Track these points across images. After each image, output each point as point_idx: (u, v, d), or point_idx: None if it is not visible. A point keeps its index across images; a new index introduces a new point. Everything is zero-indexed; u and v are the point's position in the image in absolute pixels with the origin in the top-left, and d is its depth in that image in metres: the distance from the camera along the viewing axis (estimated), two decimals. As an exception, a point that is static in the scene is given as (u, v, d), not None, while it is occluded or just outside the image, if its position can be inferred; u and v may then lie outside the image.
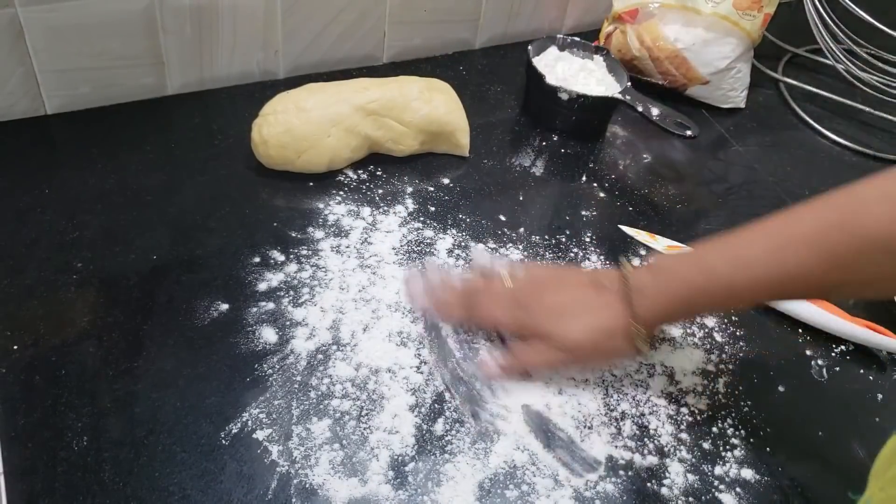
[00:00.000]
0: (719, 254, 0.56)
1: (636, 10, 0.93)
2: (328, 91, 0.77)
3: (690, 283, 0.56)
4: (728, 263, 0.55)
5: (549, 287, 0.62)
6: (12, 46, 0.73)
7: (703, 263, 0.57)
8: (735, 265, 0.55)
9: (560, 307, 0.60)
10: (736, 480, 0.59)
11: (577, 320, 0.59)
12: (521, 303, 0.62)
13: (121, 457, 0.53)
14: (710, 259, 0.56)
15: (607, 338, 0.59)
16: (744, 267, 0.55)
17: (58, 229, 0.68)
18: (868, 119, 1.00)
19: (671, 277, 0.57)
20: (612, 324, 0.58)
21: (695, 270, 0.57)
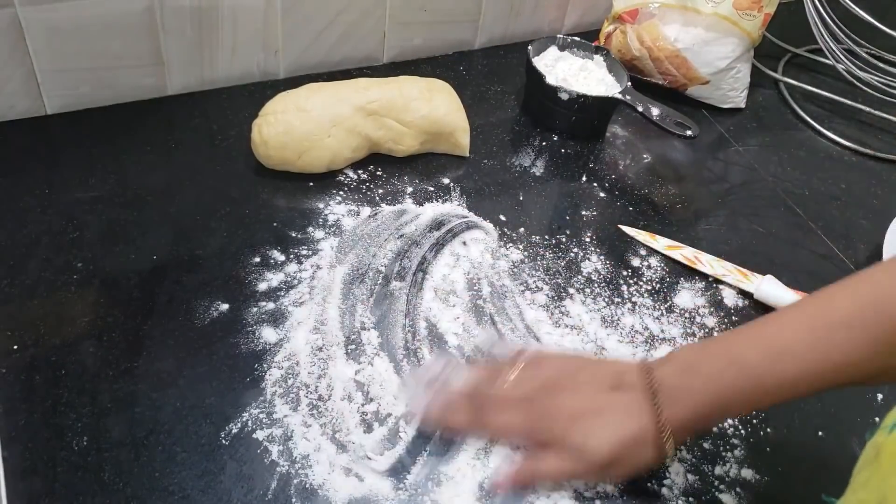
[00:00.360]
0: (752, 345, 0.51)
1: (636, 10, 0.93)
2: (328, 91, 0.77)
3: (722, 381, 0.50)
4: (763, 355, 0.50)
5: (565, 386, 0.55)
6: (12, 46, 0.73)
7: (734, 357, 0.51)
8: (771, 357, 0.49)
9: (579, 412, 0.53)
10: (736, 480, 0.59)
11: (601, 429, 0.52)
12: (534, 406, 0.54)
13: (121, 457, 0.54)
14: (741, 352, 0.51)
15: (634, 447, 0.52)
16: (781, 359, 0.49)
17: (58, 229, 0.68)
18: (868, 119, 1.00)
19: (700, 376, 0.51)
20: (640, 432, 0.52)
21: (725, 366, 0.51)
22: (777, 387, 0.50)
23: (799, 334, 0.49)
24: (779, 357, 0.49)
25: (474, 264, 0.72)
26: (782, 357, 0.49)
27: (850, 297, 0.49)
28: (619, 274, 0.73)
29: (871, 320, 0.47)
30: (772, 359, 0.49)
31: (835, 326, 0.48)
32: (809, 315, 0.50)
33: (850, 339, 0.47)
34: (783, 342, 0.49)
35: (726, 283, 0.74)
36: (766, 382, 0.50)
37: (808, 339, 0.49)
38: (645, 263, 0.75)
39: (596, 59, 0.92)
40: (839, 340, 0.48)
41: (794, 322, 0.50)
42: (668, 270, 0.74)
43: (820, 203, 0.86)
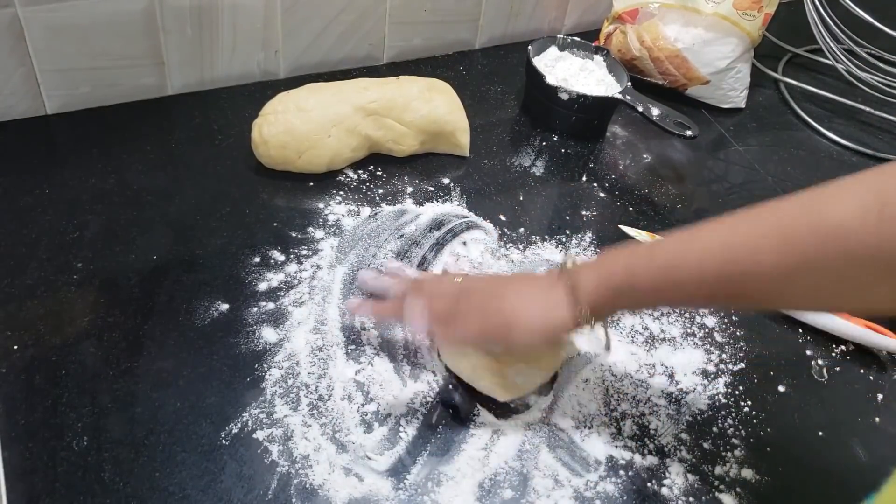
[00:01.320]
0: (670, 239, 0.52)
1: (636, 10, 0.93)
2: (328, 91, 0.77)
3: (633, 263, 0.52)
4: (675, 245, 0.51)
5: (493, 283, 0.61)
6: (13, 46, 0.73)
7: (647, 249, 0.54)
8: (682, 247, 0.51)
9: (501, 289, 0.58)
10: (736, 480, 0.59)
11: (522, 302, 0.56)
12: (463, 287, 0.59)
13: (121, 457, 0.54)
14: (656, 246, 0.54)
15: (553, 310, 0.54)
16: (691, 251, 0.50)
17: (58, 229, 0.68)
18: (868, 119, 1.00)
19: (612, 261, 0.54)
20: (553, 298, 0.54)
21: (640, 253, 0.53)
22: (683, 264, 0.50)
23: (715, 234, 0.50)
24: (688, 250, 0.50)
25: (474, 264, 0.72)
26: (692, 251, 0.50)
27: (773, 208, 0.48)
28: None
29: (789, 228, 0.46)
30: (678, 240, 0.51)
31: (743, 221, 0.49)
32: (731, 221, 0.50)
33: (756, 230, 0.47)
34: (698, 239, 0.50)
35: (726, 283, 0.74)
36: (673, 257, 0.51)
37: (723, 240, 0.49)
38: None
39: (596, 59, 0.92)
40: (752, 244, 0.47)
41: (716, 224, 0.50)
42: (668, 270, 0.74)
43: (820, 203, 0.86)
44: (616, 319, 0.68)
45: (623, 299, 0.54)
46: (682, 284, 0.50)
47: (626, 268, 0.53)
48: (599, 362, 0.65)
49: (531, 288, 0.57)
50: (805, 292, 0.47)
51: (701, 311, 0.71)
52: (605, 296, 0.53)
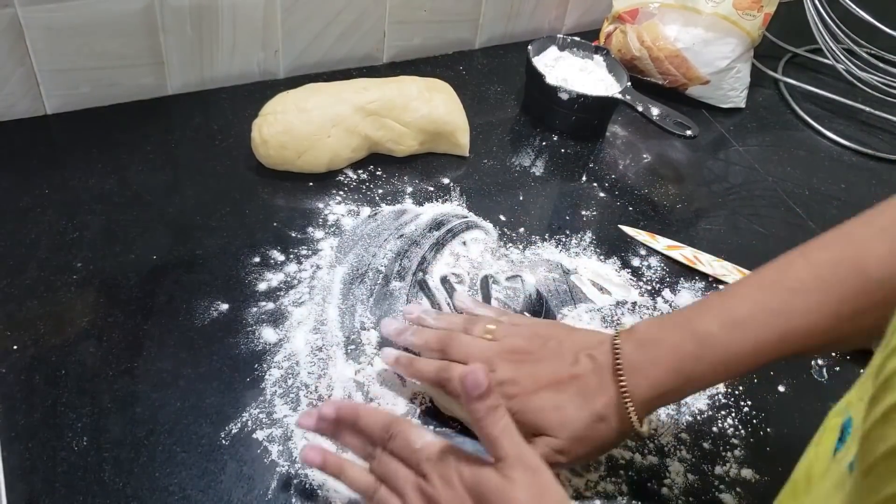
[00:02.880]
0: (712, 316, 0.50)
1: (636, 10, 0.93)
2: (328, 91, 0.77)
3: (682, 352, 0.50)
4: (722, 326, 0.49)
5: (530, 356, 0.55)
6: (12, 46, 0.73)
7: (694, 328, 0.50)
8: (730, 328, 0.48)
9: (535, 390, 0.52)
10: (736, 480, 0.59)
11: (554, 410, 0.51)
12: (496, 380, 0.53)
13: (121, 457, 0.54)
14: (702, 324, 0.50)
15: (597, 424, 0.51)
16: (740, 329, 0.48)
17: (58, 229, 0.68)
18: (868, 119, 1.00)
19: (661, 349, 0.50)
20: (602, 408, 0.51)
21: (686, 338, 0.50)
22: (737, 357, 0.49)
23: (758, 303, 0.48)
24: (738, 327, 0.48)
25: (474, 264, 0.72)
26: (741, 327, 0.48)
27: (808, 262, 0.48)
28: (619, 274, 0.73)
29: (829, 283, 0.46)
30: (731, 329, 0.48)
31: (793, 292, 0.47)
32: (768, 283, 0.49)
33: (808, 304, 0.47)
34: (742, 312, 0.49)
35: (726, 283, 0.74)
36: (727, 353, 0.49)
37: (768, 308, 0.48)
38: (645, 263, 0.75)
39: (596, 58, 0.92)
40: (798, 306, 0.47)
41: (753, 291, 0.49)
42: (668, 270, 0.74)
43: (820, 203, 0.86)
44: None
45: (669, 399, 0.52)
46: (737, 374, 0.50)
47: (676, 371, 0.50)
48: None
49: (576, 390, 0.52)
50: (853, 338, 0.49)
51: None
52: (654, 403, 0.51)
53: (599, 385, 0.51)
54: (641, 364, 0.51)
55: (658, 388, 0.50)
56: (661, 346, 0.51)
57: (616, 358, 0.51)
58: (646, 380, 0.50)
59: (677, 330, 0.51)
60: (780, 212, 0.84)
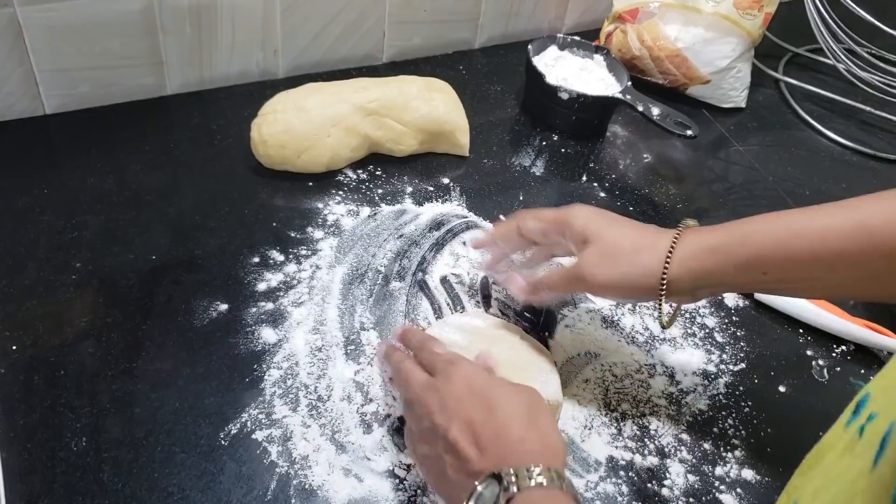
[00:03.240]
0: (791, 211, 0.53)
1: (636, 10, 0.93)
2: (328, 91, 0.77)
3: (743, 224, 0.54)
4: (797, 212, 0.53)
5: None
6: (11, 46, 0.73)
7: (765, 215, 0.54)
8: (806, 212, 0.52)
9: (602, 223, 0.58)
10: (736, 481, 0.58)
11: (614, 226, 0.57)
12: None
13: (120, 457, 0.53)
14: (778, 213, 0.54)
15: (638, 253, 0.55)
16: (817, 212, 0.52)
17: (57, 229, 0.68)
18: (868, 118, 1.00)
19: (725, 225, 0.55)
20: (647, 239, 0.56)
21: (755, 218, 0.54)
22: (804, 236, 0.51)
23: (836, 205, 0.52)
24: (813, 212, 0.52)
25: (474, 264, 0.71)
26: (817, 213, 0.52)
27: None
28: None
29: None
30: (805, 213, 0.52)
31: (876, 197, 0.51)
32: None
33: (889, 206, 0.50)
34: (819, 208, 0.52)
35: (726, 283, 0.74)
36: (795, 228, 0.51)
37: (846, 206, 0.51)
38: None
39: (596, 58, 0.91)
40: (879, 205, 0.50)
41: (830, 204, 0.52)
42: (669, 270, 0.74)
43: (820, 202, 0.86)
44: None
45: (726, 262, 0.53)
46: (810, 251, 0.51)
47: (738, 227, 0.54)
48: (599, 362, 0.65)
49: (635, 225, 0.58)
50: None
51: (700, 312, 0.71)
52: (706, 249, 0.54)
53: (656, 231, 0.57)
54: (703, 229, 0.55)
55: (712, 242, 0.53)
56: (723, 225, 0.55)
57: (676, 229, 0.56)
58: (702, 233, 0.55)
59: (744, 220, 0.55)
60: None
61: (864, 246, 0.49)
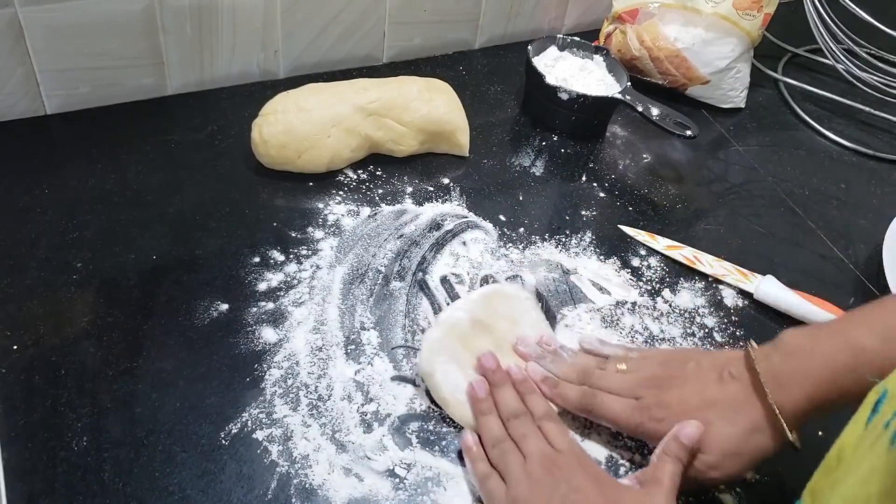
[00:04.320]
0: (867, 327, 0.49)
1: (636, 10, 0.93)
2: (328, 91, 0.77)
3: (835, 363, 0.49)
4: (878, 337, 0.48)
5: (673, 380, 0.55)
6: (12, 46, 0.73)
7: (848, 339, 0.49)
8: (887, 339, 0.48)
9: (691, 407, 0.53)
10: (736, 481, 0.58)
11: (715, 423, 0.52)
12: (643, 401, 0.55)
13: (121, 457, 0.54)
14: (855, 335, 0.49)
15: (751, 436, 0.51)
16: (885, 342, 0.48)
17: (58, 229, 0.68)
18: (868, 119, 1.00)
19: (810, 360, 0.50)
20: (753, 421, 0.51)
21: (840, 349, 0.49)
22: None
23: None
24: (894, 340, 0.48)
25: (474, 264, 0.72)
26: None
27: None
28: (619, 274, 0.73)
29: None
30: (888, 340, 0.48)
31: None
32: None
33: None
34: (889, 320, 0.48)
35: (726, 283, 0.74)
36: (883, 364, 0.47)
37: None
38: (645, 263, 0.75)
39: (596, 58, 0.92)
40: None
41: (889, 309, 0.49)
42: (668, 270, 0.74)
43: (820, 203, 0.86)
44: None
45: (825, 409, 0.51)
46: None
47: (830, 383, 0.49)
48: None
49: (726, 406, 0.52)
50: None
51: (700, 312, 0.71)
52: (808, 414, 0.51)
53: (747, 400, 0.52)
54: (791, 376, 0.50)
55: (810, 398, 0.50)
56: (813, 357, 0.50)
57: (756, 371, 0.51)
58: (798, 390, 0.50)
59: (831, 340, 0.50)
60: (779, 212, 0.84)
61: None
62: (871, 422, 0.39)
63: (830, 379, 0.49)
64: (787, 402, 0.50)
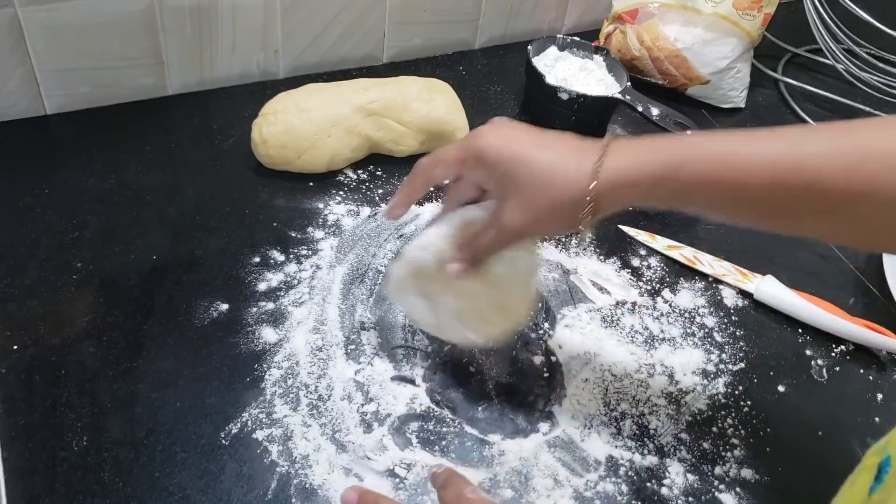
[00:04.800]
0: (720, 134, 0.48)
1: (636, 10, 0.93)
2: (328, 91, 0.77)
3: (679, 150, 0.47)
4: (734, 140, 0.47)
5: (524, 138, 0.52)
6: (12, 46, 0.73)
7: (698, 136, 0.49)
8: (745, 142, 0.46)
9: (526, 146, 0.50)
10: (736, 480, 0.59)
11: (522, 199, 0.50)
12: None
13: (121, 457, 0.54)
14: (708, 135, 0.48)
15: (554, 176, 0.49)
16: (757, 146, 0.46)
17: (58, 229, 0.68)
18: (868, 119, 1.00)
19: (656, 142, 0.49)
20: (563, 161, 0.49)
21: (688, 140, 0.49)
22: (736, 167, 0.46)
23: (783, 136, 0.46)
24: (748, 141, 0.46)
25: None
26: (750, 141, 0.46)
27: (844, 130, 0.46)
28: (619, 274, 0.73)
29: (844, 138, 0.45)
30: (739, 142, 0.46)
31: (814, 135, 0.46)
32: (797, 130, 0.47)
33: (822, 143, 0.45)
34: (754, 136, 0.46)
35: (726, 283, 0.74)
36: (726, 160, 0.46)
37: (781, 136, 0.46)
38: (645, 263, 0.75)
39: (596, 58, 0.92)
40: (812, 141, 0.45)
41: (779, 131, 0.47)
42: (668, 270, 0.74)
43: (820, 203, 0.86)
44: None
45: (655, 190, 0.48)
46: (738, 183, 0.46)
47: (671, 151, 0.47)
48: (599, 362, 0.65)
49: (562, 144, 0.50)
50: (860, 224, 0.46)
51: (700, 312, 0.71)
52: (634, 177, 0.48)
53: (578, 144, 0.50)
54: (631, 144, 0.49)
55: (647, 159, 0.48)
56: (657, 140, 0.49)
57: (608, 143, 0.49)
58: (634, 149, 0.48)
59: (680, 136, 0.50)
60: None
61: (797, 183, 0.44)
62: (874, 494, 0.38)
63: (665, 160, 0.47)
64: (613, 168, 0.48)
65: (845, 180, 0.44)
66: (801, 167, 0.44)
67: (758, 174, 0.45)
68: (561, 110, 0.86)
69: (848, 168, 0.44)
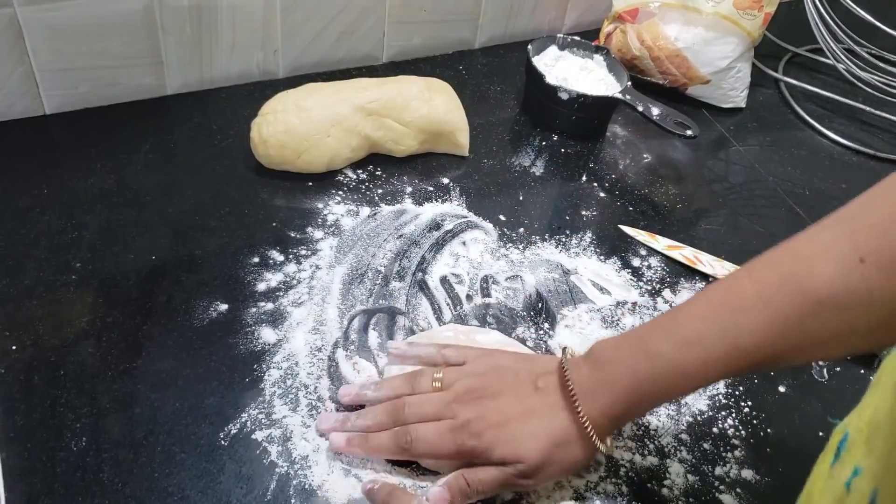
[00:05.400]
0: (663, 335, 0.51)
1: (636, 10, 0.93)
2: (328, 91, 0.77)
3: (636, 372, 0.51)
4: (673, 345, 0.50)
5: (486, 393, 0.54)
6: (11, 46, 0.73)
7: (646, 348, 0.51)
8: (681, 347, 0.49)
9: (504, 421, 0.52)
10: (736, 481, 0.58)
11: (528, 435, 0.52)
12: (457, 423, 0.53)
13: (120, 457, 0.53)
14: (653, 343, 0.51)
15: (562, 446, 0.52)
16: (690, 348, 0.49)
17: (57, 229, 0.68)
18: (869, 119, 1.00)
19: (614, 370, 0.52)
20: (563, 431, 0.52)
21: (639, 358, 0.51)
22: (689, 376, 0.50)
23: (706, 322, 0.49)
24: (688, 346, 0.49)
25: (474, 264, 0.71)
26: (691, 346, 0.49)
27: (753, 281, 0.49)
28: (620, 274, 0.73)
29: (773, 303, 0.47)
30: (681, 348, 0.49)
31: (739, 311, 0.48)
32: (717, 302, 0.50)
33: (754, 324, 0.47)
34: (692, 331, 0.50)
35: (726, 283, 0.74)
36: (679, 372, 0.50)
37: (716, 326, 0.49)
38: (645, 263, 0.75)
39: (596, 58, 0.91)
40: (744, 325, 0.48)
41: (702, 309, 0.50)
42: (669, 270, 0.74)
43: (820, 203, 0.86)
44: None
45: (629, 416, 0.55)
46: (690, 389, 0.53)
47: (631, 392, 0.51)
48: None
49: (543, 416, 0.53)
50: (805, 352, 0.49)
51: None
52: (614, 422, 0.53)
53: (563, 409, 0.52)
54: (597, 387, 0.52)
55: (616, 409, 0.52)
56: (616, 366, 0.52)
57: (567, 382, 0.52)
58: (604, 403, 0.51)
59: (630, 351, 0.52)
60: (780, 212, 0.84)
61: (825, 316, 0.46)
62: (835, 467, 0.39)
63: (633, 387, 0.51)
64: (594, 412, 0.51)
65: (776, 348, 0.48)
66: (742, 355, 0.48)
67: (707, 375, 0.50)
68: (561, 110, 0.86)
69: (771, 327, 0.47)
